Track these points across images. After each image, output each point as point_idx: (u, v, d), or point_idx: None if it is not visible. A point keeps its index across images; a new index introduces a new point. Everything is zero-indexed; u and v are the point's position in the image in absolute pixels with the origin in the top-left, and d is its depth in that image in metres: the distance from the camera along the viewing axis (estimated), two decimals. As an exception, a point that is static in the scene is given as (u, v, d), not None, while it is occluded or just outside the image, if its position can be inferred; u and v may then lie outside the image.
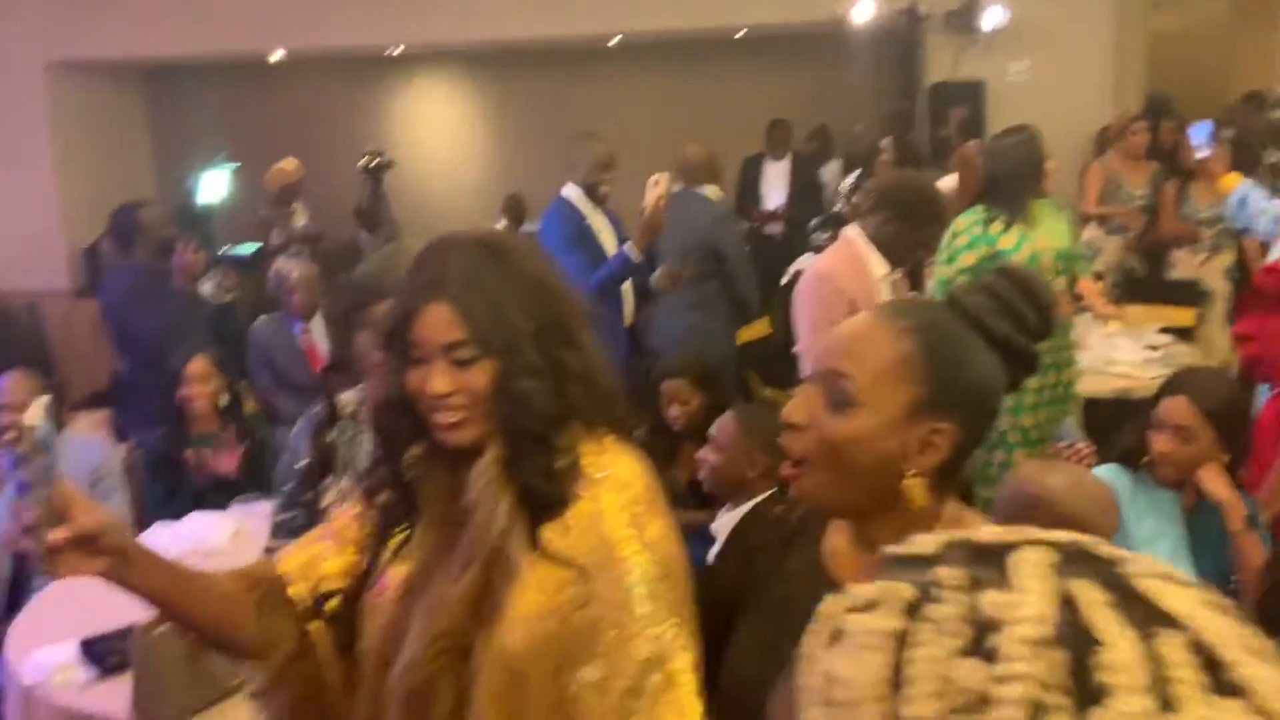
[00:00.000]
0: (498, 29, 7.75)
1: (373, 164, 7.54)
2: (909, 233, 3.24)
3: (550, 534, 1.29)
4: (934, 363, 1.18)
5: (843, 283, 3.20)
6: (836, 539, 1.29)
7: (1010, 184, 3.69)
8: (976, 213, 3.69)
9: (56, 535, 1.17)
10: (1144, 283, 6.02)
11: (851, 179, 7.32)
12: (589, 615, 1.26)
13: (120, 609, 2.71)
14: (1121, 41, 7.31)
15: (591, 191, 4.42)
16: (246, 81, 9.36)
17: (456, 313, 1.28)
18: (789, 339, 4.88)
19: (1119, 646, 0.47)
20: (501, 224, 7.08)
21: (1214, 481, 2.56)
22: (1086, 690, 0.47)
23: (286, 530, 1.94)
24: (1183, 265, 5.98)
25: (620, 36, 8.44)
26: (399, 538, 1.40)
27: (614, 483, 1.32)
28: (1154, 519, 2.66)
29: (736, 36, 8.70)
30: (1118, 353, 4.69)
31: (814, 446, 1.20)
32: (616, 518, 1.30)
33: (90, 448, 3.65)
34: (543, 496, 1.30)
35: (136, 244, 4.58)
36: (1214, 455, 2.57)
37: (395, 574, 1.38)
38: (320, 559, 1.45)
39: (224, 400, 3.85)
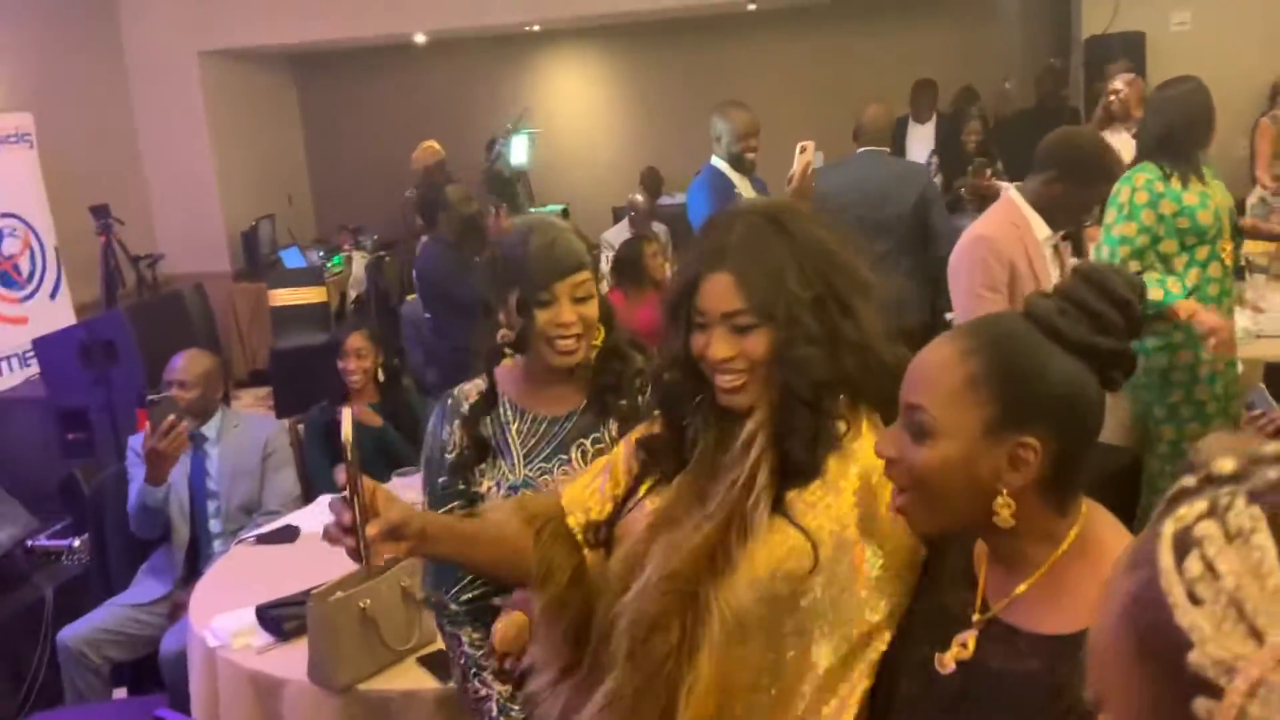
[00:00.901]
0: (634, 0, 7.73)
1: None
2: (1076, 193, 3.07)
3: (794, 499, 1.36)
4: (1003, 379, 1.18)
5: (1002, 246, 3.07)
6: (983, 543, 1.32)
7: (1185, 136, 3.48)
8: (1149, 169, 3.49)
9: (373, 530, 1.31)
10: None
11: (934, 160, 6.93)
12: (814, 584, 1.32)
13: (291, 577, 2.84)
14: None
15: (738, 161, 4.36)
16: (392, 63, 9.58)
17: (736, 282, 1.36)
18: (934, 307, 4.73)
19: None
20: (638, 197, 7.07)
21: None
22: None
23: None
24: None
25: (757, 2, 8.32)
26: (658, 476, 1.51)
27: (862, 461, 1.37)
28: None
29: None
30: (1297, 317, 4.41)
31: (907, 478, 1.22)
32: (855, 497, 1.35)
33: (262, 424, 3.80)
34: (799, 465, 1.36)
35: (440, 221, 4.85)
36: None
37: (648, 506, 1.48)
38: (596, 492, 1.56)
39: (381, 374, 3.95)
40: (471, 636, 1.92)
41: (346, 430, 1.31)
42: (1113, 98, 5.91)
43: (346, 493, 1.31)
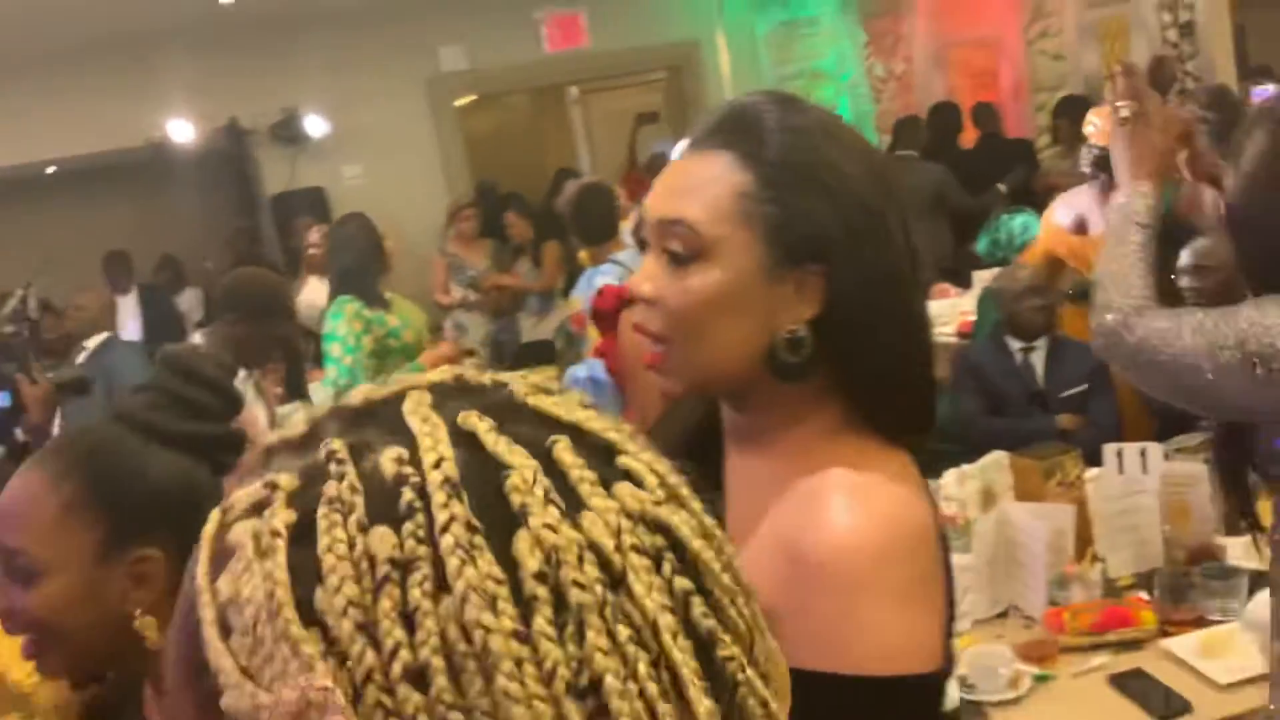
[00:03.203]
0: None
1: None
2: (260, 332, 3.13)
3: None
4: (101, 496, 1.08)
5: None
6: None
7: (361, 268, 3.77)
8: (352, 300, 3.67)
9: None
10: (518, 350, 6.53)
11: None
12: None
13: None
14: (443, 142, 7.87)
15: None
16: None
17: None
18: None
19: (519, 465, 0.46)
20: None
21: None
22: (508, 516, 0.45)
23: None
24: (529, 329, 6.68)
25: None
26: None
27: None
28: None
29: (49, 172, 7.99)
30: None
31: (28, 627, 1.09)
32: None
33: None
34: None
35: None
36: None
37: None
38: None
39: None
40: None
41: None
42: (312, 250, 6.21)
43: None
